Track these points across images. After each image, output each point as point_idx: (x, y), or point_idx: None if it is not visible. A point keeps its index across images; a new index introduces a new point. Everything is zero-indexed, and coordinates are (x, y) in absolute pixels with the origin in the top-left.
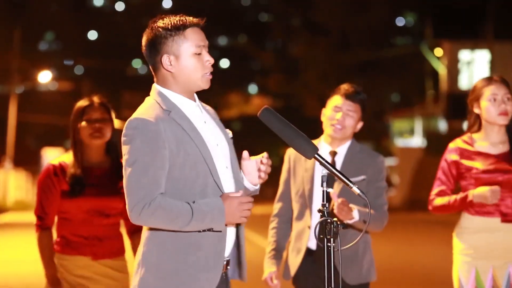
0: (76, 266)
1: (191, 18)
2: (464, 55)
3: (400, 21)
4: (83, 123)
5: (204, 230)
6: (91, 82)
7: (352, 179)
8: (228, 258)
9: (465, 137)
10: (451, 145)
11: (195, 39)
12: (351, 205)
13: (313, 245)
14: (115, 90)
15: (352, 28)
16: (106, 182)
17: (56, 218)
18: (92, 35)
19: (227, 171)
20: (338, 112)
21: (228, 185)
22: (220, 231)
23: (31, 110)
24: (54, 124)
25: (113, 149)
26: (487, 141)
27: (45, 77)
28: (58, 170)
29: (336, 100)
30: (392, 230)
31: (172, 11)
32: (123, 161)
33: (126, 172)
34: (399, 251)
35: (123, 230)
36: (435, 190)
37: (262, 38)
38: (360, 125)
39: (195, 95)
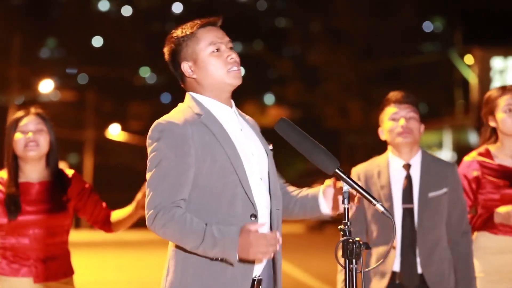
0: None
1: (204, 18)
2: (497, 62)
3: (427, 27)
4: (17, 135)
5: (216, 259)
6: (95, 92)
7: (432, 194)
8: (260, 278)
9: (482, 149)
10: (468, 159)
11: (209, 37)
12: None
13: (398, 267)
14: (121, 100)
15: (376, 34)
16: (48, 198)
17: None
18: (97, 41)
19: (261, 183)
20: (399, 120)
21: (261, 198)
22: (232, 265)
23: None
24: (56, 137)
25: (54, 162)
26: (506, 155)
27: (46, 86)
28: None
29: (390, 110)
30: None
31: (182, 16)
32: (148, 164)
33: (148, 175)
34: None
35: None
36: None
37: (279, 44)
38: (422, 128)
39: (233, 102)
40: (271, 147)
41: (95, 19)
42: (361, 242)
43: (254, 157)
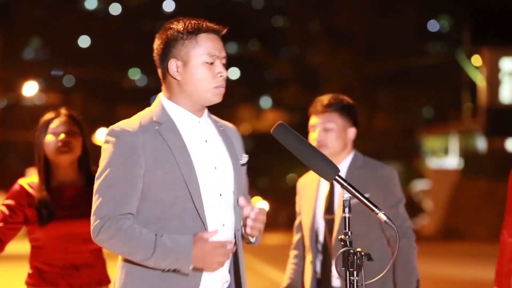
0: None
1: (210, 23)
2: (506, 63)
3: (433, 25)
4: (48, 137)
5: (168, 271)
6: (82, 95)
7: (354, 201)
8: None
9: None
10: None
11: (209, 47)
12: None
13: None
14: (109, 103)
15: (378, 34)
16: (82, 203)
17: (29, 248)
18: (84, 41)
19: (220, 199)
20: (313, 132)
21: (216, 215)
22: (187, 275)
23: (15, 127)
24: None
25: (87, 165)
26: None
27: (30, 89)
28: (24, 194)
29: (311, 120)
30: (425, 263)
31: (174, 15)
32: (97, 170)
33: (96, 182)
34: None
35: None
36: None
37: (276, 44)
38: (352, 132)
39: (206, 111)
40: (245, 160)
41: (82, 18)
42: (362, 253)
43: (216, 171)
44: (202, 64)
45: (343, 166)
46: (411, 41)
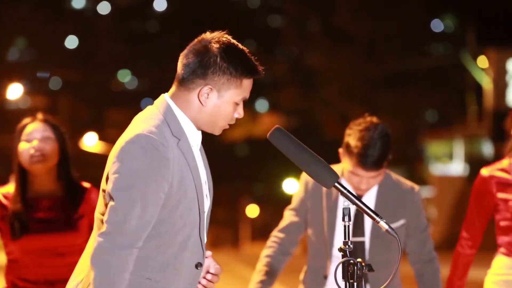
0: None
1: (257, 65)
2: None
3: (436, 25)
4: (22, 144)
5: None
6: (70, 98)
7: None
8: None
9: (505, 163)
10: (485, 173)
11: (246, 91)
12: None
13: None
14: (98, 107)
15: (379, 34)
16: (58, 215)
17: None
18: (71, 42)
19: (206, 223)
20: (356, 177)
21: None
22: None
23: None
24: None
25: (66, 173)
26: None
27: (15, 92)
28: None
29: (357, 170)
30: None
31: (166, 14)
32: (111, 181)
33: (113, 194)
34: None
35: None
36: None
37: (272, 45)
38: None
39: None
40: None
41: (69, 17)
42: (363, 264)
43: (207, 198)
44: (232, 103)
45: (373, 189)
46: (414, 41)
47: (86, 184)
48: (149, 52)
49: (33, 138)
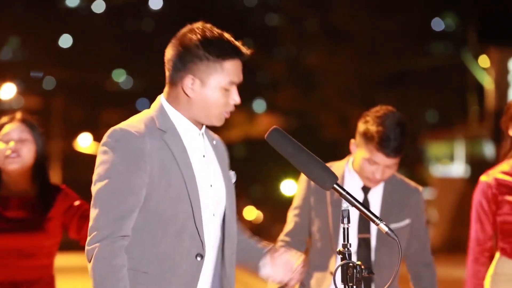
0: None
1: (238, 46)
2: None
3: (437, 24)
4: None
5: None
6: (64, 98)
7: (393, 226)
8: None
9: (506, 165)
10: (485, 179)
11: (232, 74)
12: None
13: None
14: (92, 107)
15: (379, 33)
16: (27, 215)
17: None
18: (65, 41)
19: (213, 219)
20: (372, 166)
21: (211, 237)
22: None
23: None
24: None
25: (41, 174)
26: None
27: (8, 92)
28: None
29: (377, 158)
30: None
31: (161, 13)
32: (94, 174)
33: (94, 187)
34: None
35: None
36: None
37: (270, 44)
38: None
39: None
40: (234, 179)
41: (63, 15)
42: (362, 267)
43: (212, 189)
44: (220, 89)
45: (379, 187)
46: (414, 40)
47: (61, 186)
48: (144, 51)
49: (10, 139)
